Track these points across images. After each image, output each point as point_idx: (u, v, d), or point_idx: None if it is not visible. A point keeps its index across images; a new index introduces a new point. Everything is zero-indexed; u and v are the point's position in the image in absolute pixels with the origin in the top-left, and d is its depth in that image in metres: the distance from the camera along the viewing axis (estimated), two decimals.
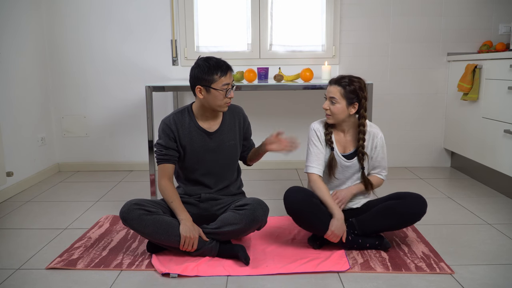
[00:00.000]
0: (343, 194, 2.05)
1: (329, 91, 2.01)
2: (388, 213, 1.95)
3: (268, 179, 3.26)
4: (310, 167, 2.07)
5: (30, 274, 1.82)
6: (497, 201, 2.69)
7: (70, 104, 3.54)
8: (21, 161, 3.05)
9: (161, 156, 2.02)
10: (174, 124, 2.02)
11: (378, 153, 2.06)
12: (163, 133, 2.02)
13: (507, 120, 2.66)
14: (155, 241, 1.90)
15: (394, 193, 2.04)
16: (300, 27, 3.44)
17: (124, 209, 1.88)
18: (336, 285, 1.70)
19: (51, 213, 2.57)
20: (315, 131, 2.09)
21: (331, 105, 2.00)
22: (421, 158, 3.60)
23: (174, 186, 2.03)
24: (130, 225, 1.87)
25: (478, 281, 1.72)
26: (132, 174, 3.49)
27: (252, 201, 1.93)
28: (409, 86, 3.49)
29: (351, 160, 2.06)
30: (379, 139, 2.06)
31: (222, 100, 1.95)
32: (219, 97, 1.94)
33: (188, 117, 2.05)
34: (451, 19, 3.39)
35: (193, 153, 2.04)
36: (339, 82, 1.99)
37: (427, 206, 1.95)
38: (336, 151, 2.06)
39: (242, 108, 2.19)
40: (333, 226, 1.92)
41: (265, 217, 1.93)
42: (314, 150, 2.07)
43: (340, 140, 2.09)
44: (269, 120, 3.53)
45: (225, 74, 1.94)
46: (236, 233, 1.91)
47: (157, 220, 1.86)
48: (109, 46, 3.46)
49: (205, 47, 3.47)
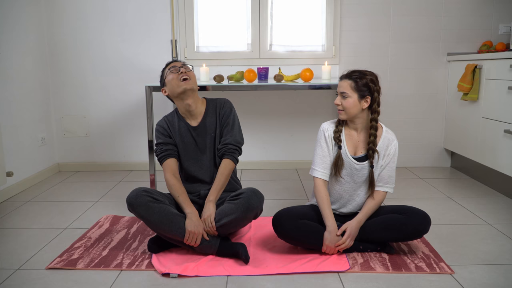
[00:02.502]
0: (354, 230, 1.91)
1: (340, 86, 1.93)
2: (390, 226, 1.90)
3: (268, 179, 3.26)
4: (314, 170, 2.01)
5: (30, 274, 1.82)
6: (497, 201, 2.69)
7: (70, 104, 3.54)
8: (21, 161, 3.05)
9: (162, 152, 2.10)
10: (166, 124, 2.15)
11: (388, 161, 1.96)
12: (159, 133, 2.14)
13: (507, 120, 2.65)
14: (158, 231, 1.91)
15: (399, 206, 2.00)
16: (300, 27, 3.44)
17: (132, 194, 1.90)
18: (336, 285, 1.70)
19: (51, 213, 2.57)
20: (322, 131, 2.01)
21: (342, 100, 1.92)
22: (421, 158, 3.60)
23: (180, 180, 2.07)
24: (137, 211, 1.89)
25: (478, 281, 1.72)
26: (132, 174, 3.49)
27: (246, 190, 1.96)
28: (409, 86, 3.49)
29: (361, 163, 1.96)
30: (393, 146, 1.96)
31: (175, 79, 2.04)
32: (172, 81, 2.05)
33: (176, 116, 2.16)
34: (451, 19, 3.39)
35: (185, 149, 2.12)
36: (350, 76, 1.93)
37: (430, 224, 1.91)
38: (346, 151, 1.97)
39: (227, 99, 2.19)
40: (327, 240, 1.89)
41: (261, 205, 1.95)
42: (320, 152, 2.00)
43: (352, 139, 1.99)
44: (269, 120, 3.53)
45: (168, 65, 2.11)
46: (233, 224, 1.92)
47: (163, 209, 1.88)
48: (109, 46, 3.46)
49: (205, 47, 3.47)
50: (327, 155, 1.99)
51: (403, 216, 1.92)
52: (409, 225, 1.89)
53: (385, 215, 1.96)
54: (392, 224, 1.90)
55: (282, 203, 2.63)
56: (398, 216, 1.93)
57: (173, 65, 2.10)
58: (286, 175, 3.38)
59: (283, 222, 1.92)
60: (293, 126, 3.55)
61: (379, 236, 1.93)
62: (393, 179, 1.99)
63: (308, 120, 3.52)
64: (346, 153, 1.97)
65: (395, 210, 1.98)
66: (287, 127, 3.57)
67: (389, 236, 1.93)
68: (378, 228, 1.93)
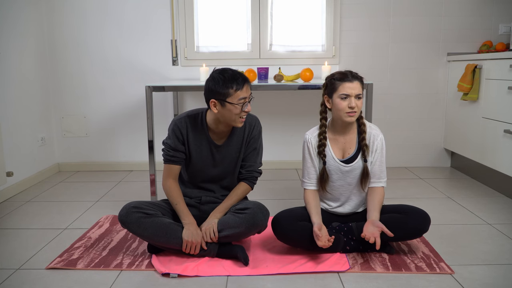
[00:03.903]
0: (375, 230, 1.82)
1: (353, 88, 1.87)
2: (390, 226, 1.88)
3: (268, 179, 3.26)
4: (303, 182, 2.04)
5: (30, 274, 1.82)
6: (497, 201, 2.69)
7: (70, 104, 3.54)
8: (21, 161, 3.05)
9: (168, 156, 2.00)
10: (185, 128, 1.97)
11: (377, 157, 1.98)
12: (173, 133, 1.98)
13: (507, 120, 2.65)
14: (155, 244, 1.90)
15: (398, 205, 2.00)
16: (300, 27, 3.44)
17: (122, 212, 1.87)
18: (336, 285, 1.70)
19: (51, 213, 2.57)
20: (306, 143, 2.02)
21: (357, 101, 1.88)
22: (421, 158, 3.60)
23: (179, 187, 2.03)
24: (129, 228, 1.87)
25: (478, 281, 1.72)
26: (132, 174, 3.49)
27: (252, 205, 1.92)
28: (409, 86, 3.49)
29: (350, 164, 1.97)
30: (379, 141, 1.97)
31: (238, 114, 1.85)
32: (234, 111, 1.84)
33: (200, 124, 1.98)
34: (451, 19, 3.39)
35: (198, 162, 2.02)
36: (357, 76, 1.90)
37: (430, 223, 1.91)
38: (333, 156, 1.97)
39: (257, 118, 2.06)
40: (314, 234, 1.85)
41: (266, 221, 1.91)
42: (306, 164, 2.03)
43: (338, 142, 1.99)
44: (269, 120, 3.53)
45: (241, 88, 1.82)
46: (235, 237, 1.91)
47: (156, 222, 1.85)
48: (109, 46, 3.46)
49: (205, 47, 3.47)
50: (312, 166, 2.01)
51: (403, 215, 1.92)
52: (409, 224, 1.90)
53: (385, 214, 1.96)
54: (392, 224, 1.90)
55: (282, 203, 2.63)
56: (398, 216, 1.93)
57: (245, 96, 1.84)
58: (286, 175, 3.38)
59: (282, 225, 1.92)
60: (293, 126, 3.55)
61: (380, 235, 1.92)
62: (384, 173, 2.00)
63: (308, 120, 3.51)
64: (333, 159, 1.98)
65: (395, 209, 1.98)
66: (287, 127, 3.57)
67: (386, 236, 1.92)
68: None
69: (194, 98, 3.52)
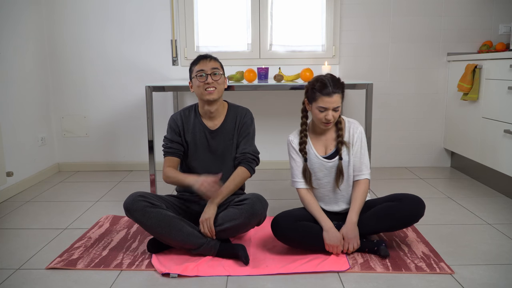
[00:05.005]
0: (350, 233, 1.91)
1: (332, 102, 1.88)
2: (385, 215, 1.92)
3: (268, 179, 3.26)
4: (295, 182, 2.05)
5: (30, 274, 1.82)
6: (497, 201, 2.69)
7: (70, 104, 3.54)
8: (21, 161, 3.05)
9: (167, 149, 2.11)
10: (180, 119, 2.13)
11: (357, 149, 1.99)
12: (170, 128, 2.14)
13: (507, 120, 2.66)
14: (156, 235, 1.90)
15: (392, 195, 2.02)
16: (300, 27, 3.44)
17: (128, 200, 1.90)
18: (336, 285, 1.70)
19: (51, 213, 2.57)
20: (289, 143, 2.06)
21: (334, 113, 1.92)
22: (421, 158, 3.60)
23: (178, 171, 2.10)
24: (134, 216, 1.88)
25: (478, 281, 1.72)
26: (132, 174, 3.49)
27: (251, 196, 1.95)
28: (409, 86, 3.49)
29: (333, 160, 1.99)
30: (359, 133, 2.00)
31: (201, 87, 2.01)
32: (196, 84, 2.02)
33: (193, 114, 2.14)
34: (451, 19, 3.39)
35: (195, 149, 2.11)
36: (337, 86, 1.89)
37: (425, 207, 1.93)
38: (316, 154, 2.01)
39: (249, 110, 2.18)
40: (326, 239, 1.90)
41: (264, 211, 1.94)
42: (294, 164, 2.05)
43: (320, 139, 2.04)
44: (269, 120, 3.53)
45: (197, 63, 2.03)
46: (236, 229, 1.92)
47: (160, 213, 1.88)
48: (109, 46, 3.46)
49: (205, 47, 3.47)
50: (301, 165, 2.04)
51: (396, 203, 1.93)
52: (403, 211, 1.91)
53: (379, 205, 1.97)
54: (386, 211, 1.92)
55: (282, 203, 2.63)
56: (392, 204, 1.94)
57: (202, 68, 2.02)
58: (286, 175, 3.38)
59: (281, 225, 1.93)
60: (293, 126, 3.52)
61: (375, 226, 1.94)
62: (365, 165, 2.01)
63: None
64: (316, 156, 2.01)
65: (388, 199, 2.00)
66: (287, 127, 3.55)
67: (384, 226, 1.95)
68: (373, 220, 1.94)
69: (194, 98, 3.52)
